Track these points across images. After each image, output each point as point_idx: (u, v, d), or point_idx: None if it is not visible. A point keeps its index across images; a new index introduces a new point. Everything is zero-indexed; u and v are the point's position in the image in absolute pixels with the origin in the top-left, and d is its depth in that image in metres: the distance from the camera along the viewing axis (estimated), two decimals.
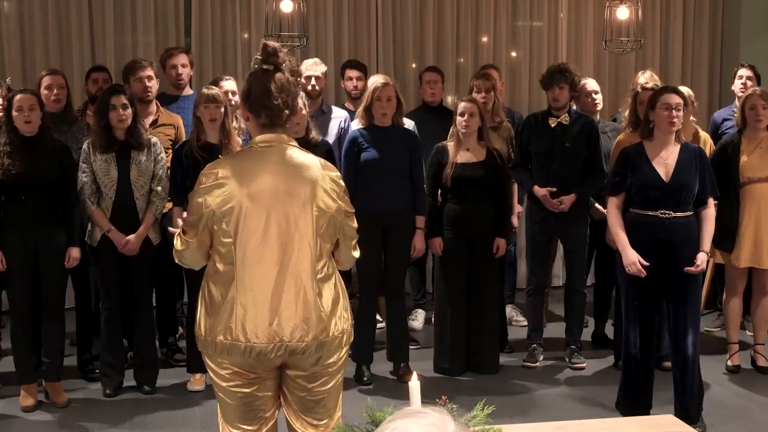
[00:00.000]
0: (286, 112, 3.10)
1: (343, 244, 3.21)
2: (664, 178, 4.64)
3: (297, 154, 3.11)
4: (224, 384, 3.11)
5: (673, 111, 4.64)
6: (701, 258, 4.67)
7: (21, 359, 5.23)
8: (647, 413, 4.67)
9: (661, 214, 4.64)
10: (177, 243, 3.16)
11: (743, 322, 6.27)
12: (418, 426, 1.50)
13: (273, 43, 3.13)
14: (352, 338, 3.25)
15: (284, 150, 3.09)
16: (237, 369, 3.07)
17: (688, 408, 4.70)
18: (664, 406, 4.84)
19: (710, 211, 4.76)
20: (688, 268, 4.62)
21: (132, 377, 5.47)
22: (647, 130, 4.78)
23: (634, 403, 4.77)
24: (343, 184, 3.18)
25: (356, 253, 3.29)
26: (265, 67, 3.09)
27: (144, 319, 5.44)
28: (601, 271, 6.35)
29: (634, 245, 4.68)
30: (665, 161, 4.67)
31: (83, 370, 5.71)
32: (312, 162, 3.13)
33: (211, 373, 3.16)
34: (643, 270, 4.65)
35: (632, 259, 4.66)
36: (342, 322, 3.13)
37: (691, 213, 4.70)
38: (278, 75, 3.08)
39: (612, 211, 4.81)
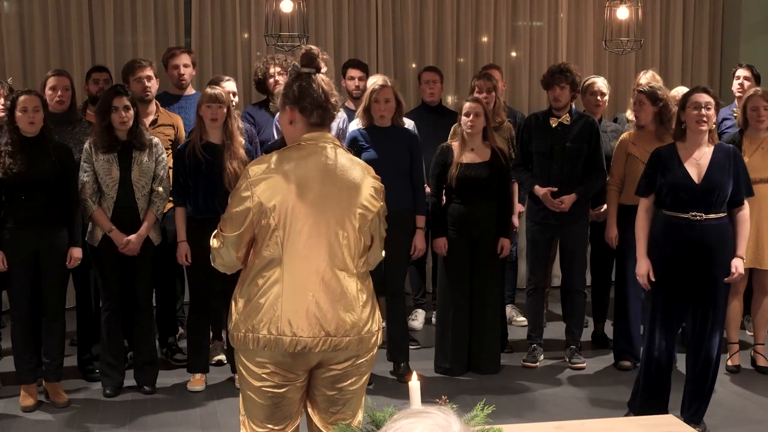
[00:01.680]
0: (335, 112, 3.19)
1: (375, 244, 3.26)
2: (696, 179, 4.60)
3: (342, 154, 3.17)
4: (257, 383, 3.11)
5: (703, 110, 4.61)
6: (736, 264, 4.65)
7: (21, 359, 5.23)
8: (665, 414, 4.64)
9: (692, 216, 4.60)
10: (213, 242, 3.16)
11: (743, 322, 6.28)
12: (422, 426, 1.50)
13: (315, 48, 3.25)
14: (381, 340, 3.27)
15: (331, 150, 3.14)
16: (275, 369, 3.07)
17: (697, 408, 4.69)
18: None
19: (745, 213, 4.73)
20: (727, 278, 4.63)
21: (132, 377, 5.47)
22: (680, 131, 4.73)
23: (652, 404, 4.73)
24: (382, 185, 3.25)
25: (383, 253, 3.35)
26: (306, 70, 3.16)
27: (144, 319, 5.44)
28: (598, 271, 6.35)
29: (667, 247, 4.66)
30: (698, 162, 4.64)
31: (83, 370, 5.71)
32: (357, 163, 3.20)
33: (243, 371, 3.15)
34: (648, 285, 4.66)
35: (643, 271, 4.66)
36: (377, 321, 3.20)
37: (725, 214, 4.66)
38: (321, 76, 3.16)
39: (641, 214, 4.78)
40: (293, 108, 3.14)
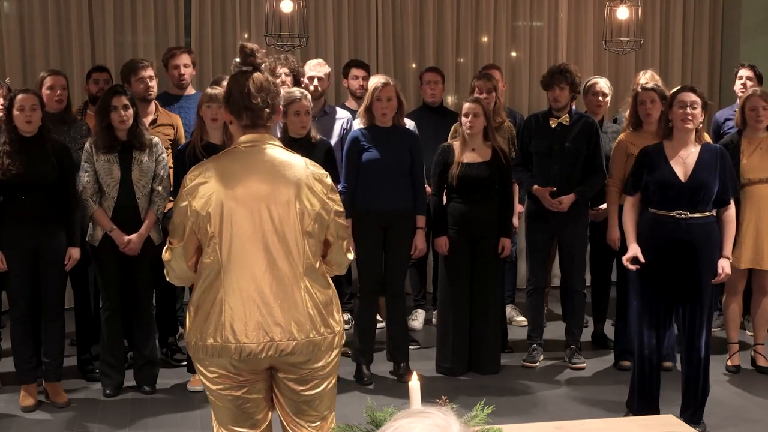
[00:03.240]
0: (267, 110, 3.08)
1: (335, 245, 3.17)
2: (682, 178, 4.62)
3: (280, 153, 3.10)
4: (214, 387, 3.10)
5: (688, 108, 4.63)
6: (723, 265, 4.67)
7: (21, 359, 5.23)
8: (657, 413, 4.65)
9: (678, 214, 4.62)
10: (165, 255, 3.14)
11: (743, 322, 6.28)
12: (421, 425, 1.49)
13: (250, 45, 3.15)
14: (344, 340, 3.22)
15: (267, 150, 3.08)
16: (224, 372, 3.05)
17: (695, 408, 4.70)
18: (665, 406, 4.84)
19: (731, 213, 4.74)
20: (714, 279, 4.65)
21: (132, 377, 5.47)
22: (667, 129, 4.76)
23: (647, 403, 4.75)
24: (330, 182, 3.14)
25: (350, 255, 3.26)
26: (243, 68, 3.12)
27: (144, 319, 5.44)
28: (598, 271, 6.35)
29: (652, 245, 4.67)
30: (684, 161, 4.65)
31: (83, 370, 5.71)
32: (296, 161, 3.11)
33: (201, 377, 3.14)
34: (631, 266, 4.67)
35: (631, 253, 4.68)
36: (333, 323, 3.11)
37: (710, 213, 4.68)
38: (257, 75, 3.10)
39: (627, 209, 4.83)
40: (226, 109, 3.13)
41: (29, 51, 7.26)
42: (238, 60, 3.13)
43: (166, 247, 3.15)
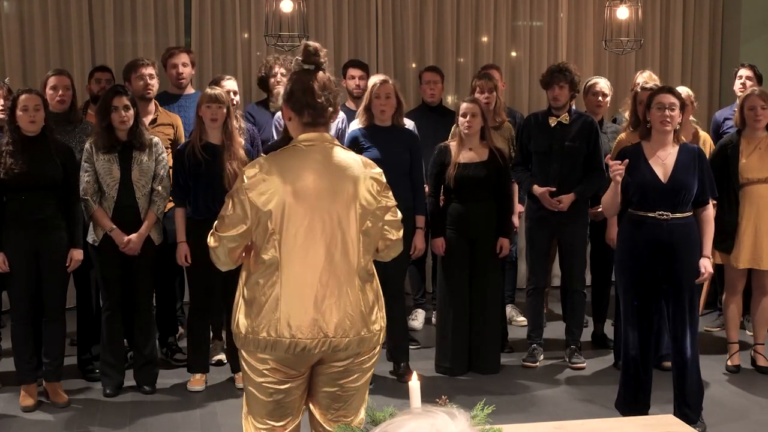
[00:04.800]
0: (330, 110, 3.14)
1: (394, 238, 3.26)
2: (662, 179, 4.64)
3: (339, 152, 3.15)
4: (259, 379, 3.13)
5: (666, 110, 4.64)
6: (705, 265, 4.68)
7: (21, 359, 5.23)
8: (646, 413, 4.67)
9: (659, 215, 4.63)
10: (210, 240, 3.16)
11: (743, 322, 6.27)
12: (415, 423, 1.49)
13: (314, 43, 3.16)
14: (384, 339, 3.28)
15: (327, 148, 3.13)
16: (277, 366, 3.09)
17: (687, 408, 4.70)
18: (663, 406, 4.84)
19: (709, 213, 4.76)
20: (697, 279, 4.67)
21: (132, 377, 5.47)
22: (645, 130, 4.78)
23: (633, 403, 4.77)
24: (384, 180, 3.21)
25: (400, 233, 3.31)
26: (306, 66, 3.12)
27: (144, 319, 5.44)
28: (598, 271, 6.36)
29: (633, 246, 4.69)
30: (663, 161, 4.67)
31: (83, 370, 5.71)
32: (354, 160, 3.17)
33: (246, 368, 3.17)
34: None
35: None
36: (380, 320, 3.19)
37: (690, 214, 4.70)
38: (320, 74, 3.12)
39: (608, 194, 4.80)
40: (286, 106, 3.15)
41: (29, 51, 7.26)
42: (299, 58, 3.14)
43: (212, 232, 3.15)
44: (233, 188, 3.13)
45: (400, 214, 3.29)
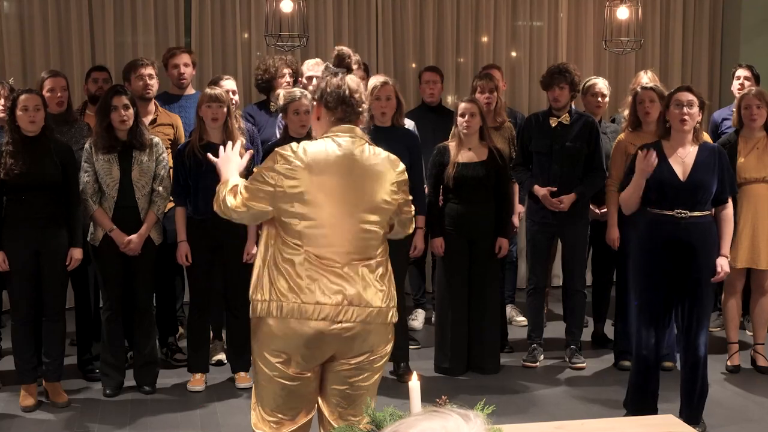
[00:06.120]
0: (363, 107, 3.30)
1: (407, 217, 3.42)
2: (681, 177, 4.63)
3: (368, 148, 3.28)
4: (270, 372, 3.21)
5: (684, 108, 4.63)
6: (721, 264, 4.68)
7: (21, 359, 5.23)
8: (655, 413, 4.65)
9: (677, 213, 4.62)
10: (229, 198, 3.23)
11: (743, 322, 6.27)
12: (428, 423, 1.47)
13: (346, 49, 3.35)
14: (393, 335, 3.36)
15: (357, 143, 3.24)
16: (289, 356, 3.16)
17: (692, 407, 4.70)
18: (662, 405, 4.84)
19: (729, 212, 4.75)
20: (713, 278, 4.66)
21: (132, 377, 5.47)
22: (665, 129, 4.77)
23: (644, 403, 4.75)
24: (406, 176, 3.36)
25: (411, 229, 3.49)
26: (336, 70, 3.29)
27: (144, 319, 5.44)
28: (598, 271, 6.36)
29: (651, 244, 4.68)
30: (683, 160, 4.66)
31: (83, 370, 5.71)
32: (381, 156, 3.30)
33: (258, 360, 3.25)
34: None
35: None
36: (394, 315, 3.28)
37: (709, 212, 4.69)
38: (351, 76, 3.29)
39: (626, 192, 4.81)
40: (319, 104, 3.28)
41: (29, 51, 7.26)
42: (330, 64, 3.33)
43: (233, 187, 3.24)
44: (265, 165, 3.23)
45: (413, 210, 3.43)
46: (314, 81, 6.23)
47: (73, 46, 7.28)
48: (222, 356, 5.87)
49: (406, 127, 5.77)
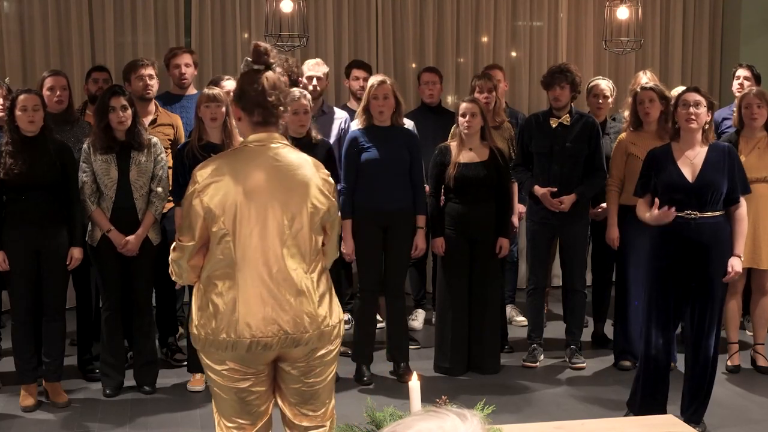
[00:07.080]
0: (280, 109, 3.14)
1: (333, 238, 3.28)
2: (689, 179, 4.62)
3: (290, 152, 3.16)
4: (220, 380, 3.16)
5: (691, 108, 4.63)
6: (733, 263, 4.66)
7: (21, 359, 5.23)
8: (664, 413, 4.63)
9: (687, 214, 4.62)
10: (173, 255, 3.16)
11: (743, 322, 6.27)
12: (425, 423, 1.47)
13: (264, 44, 3.17)
14: (344, 331, 3.31)
15: (277, 149, 3.14)
16: (234, 366, 3.11)
17: (695, 407, 4.70)
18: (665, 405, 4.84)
19: (741, 211, 4.73)
20: (725, 278, 4.65)
21: (132, 377, 5.47)
22: (673, 131, 4.77)
23: (650, 403, 4.73)
24: (332, 181, 3.26)
25: (335, 233, 3.34)
26: (256, 67, 3.14)
27: (144, 319, 5.44)
28: (598, 271, 6.35)
29: (663, 246, 4.67)
30: (692, 161, 4.66)
31: (83, 370, 5.71)
32: (305, 160, 3.19)
33: (207, 370, 3.21)
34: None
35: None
36: (337, 313, 3.22)
37: (721, 213, 4.67)
38: (269, 74, 3.13)
39: (640, 204, 4.81)
40: (236, 105, 3.16)
41: (29, 51, 7.26)
42: (249, 59, 3.15)
43: (174, 245, 3.16)
44: (186, 192, 3.13)
45: (339, 214, 3.34)
46: (314, 81, 6.28)
47: (73, 46, 7.28)
48: None
49: (405, 126, 5.76)
